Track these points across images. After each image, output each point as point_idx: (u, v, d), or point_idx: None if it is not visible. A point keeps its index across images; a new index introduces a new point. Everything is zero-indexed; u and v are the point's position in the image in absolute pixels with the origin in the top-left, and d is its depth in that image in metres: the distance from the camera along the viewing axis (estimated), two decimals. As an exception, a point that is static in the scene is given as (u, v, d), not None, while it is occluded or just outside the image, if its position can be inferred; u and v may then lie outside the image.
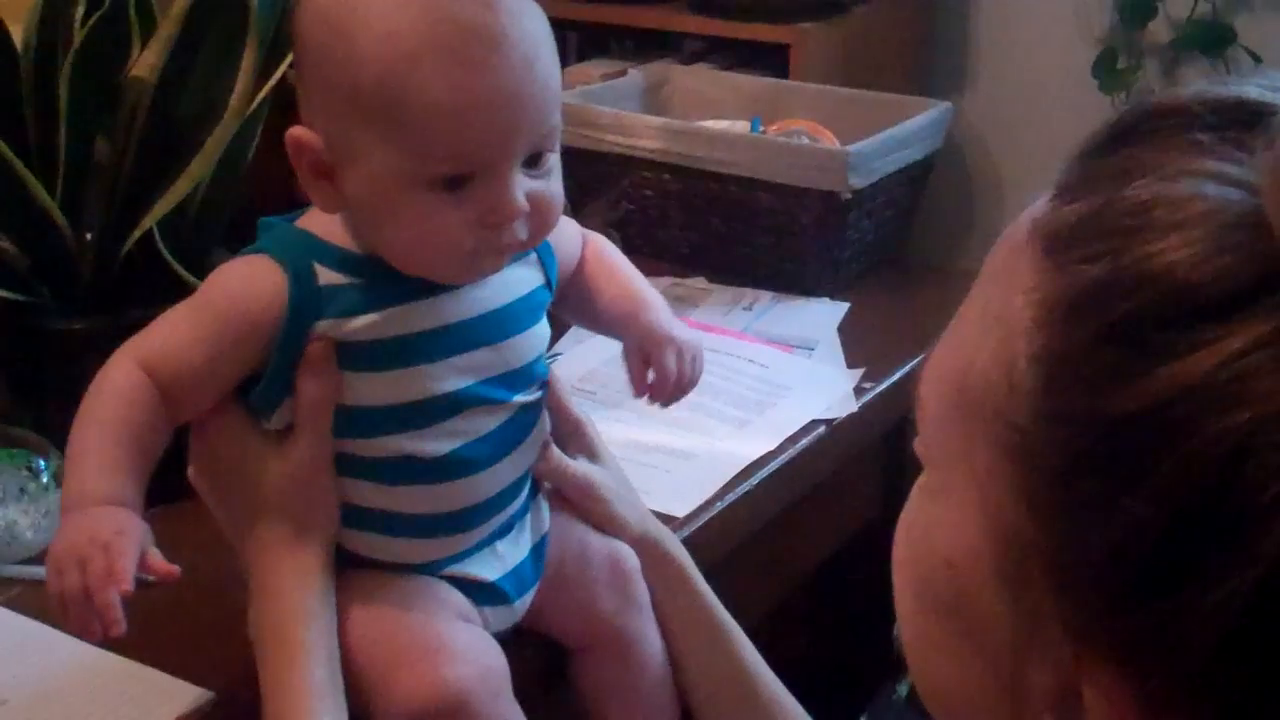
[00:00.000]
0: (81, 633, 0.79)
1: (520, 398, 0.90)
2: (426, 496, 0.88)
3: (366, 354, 0.85)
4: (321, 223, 0.86)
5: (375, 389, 0.85)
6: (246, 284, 0.84)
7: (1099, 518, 0.44)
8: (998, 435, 0.48)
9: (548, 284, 0.93)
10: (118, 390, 0.83)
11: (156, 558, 0.80)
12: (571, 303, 0.99)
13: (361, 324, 0.84)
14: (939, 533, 0.52)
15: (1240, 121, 0.46)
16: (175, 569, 0.80)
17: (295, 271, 0.83)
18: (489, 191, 0.80)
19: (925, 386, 0.54)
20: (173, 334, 0.84)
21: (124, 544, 0.78)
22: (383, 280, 0.84)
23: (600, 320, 1.01)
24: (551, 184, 0.84)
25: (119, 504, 0.80)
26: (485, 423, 0.88)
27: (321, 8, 0.81)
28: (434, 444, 0.87)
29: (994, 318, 0.49)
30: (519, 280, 0.90)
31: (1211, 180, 0.44)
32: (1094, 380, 0.44)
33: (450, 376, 0.86)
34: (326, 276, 0.84)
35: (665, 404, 0.99)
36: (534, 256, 0.91)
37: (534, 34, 0.81)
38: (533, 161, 0.82)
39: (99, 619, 0.77)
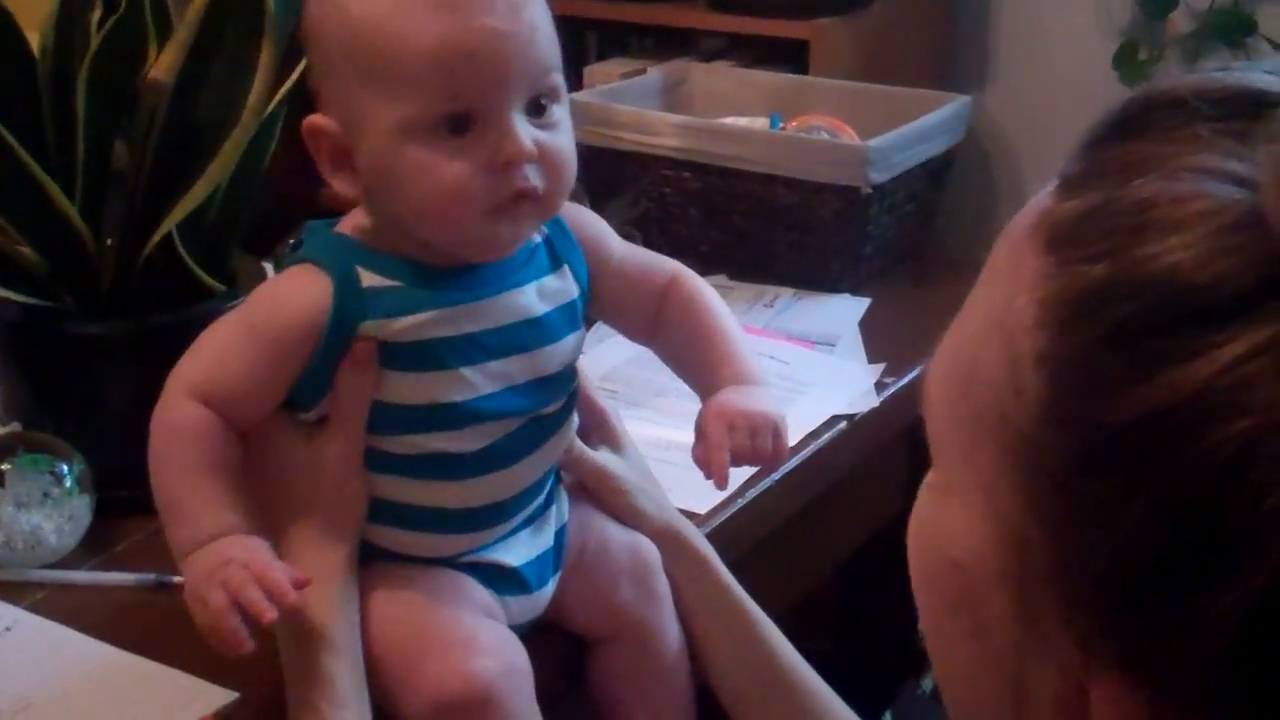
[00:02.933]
0: (233, 648, 0.81)
1: (552, 404, 0.91)
2: (455, 491, 0.89)
3: (406, 354, 0.86)
4: (361, 227, 0.88)
5: (412, 388, 0.86)
6: (292, 298, 0.86)
7: (1101, 525, 0.43)
8: (1002, 437, 0.47)
9: (581, 296, 0.93)
10: (184, 432, 0.85)
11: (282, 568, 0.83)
12: (659, 350, 1.00)
13: (405, 325, 0.85)
14: (946, 532, 0.52)
15: (1243, 113, 0.45)
16: (308, 576, 0.83)
17: (339, 275, 0.85)
18: (492, 133, 0.82)
19: (931, 383, 0.53)
20: (223, 359, 0.86)
21: (262, 558, 0.82)
22: (423, 282, 0.86)
23: (683, 377, 1.00)
24: (561, 137, 0.86)
25: (233, 533, 0.83)
26: (514, 422, 0.89)
27: None
28: (464, 442, 0.88)
29: (998, 316, 0.48)
30: (555, 291, 0.91)
31: (1212, 177, 0.43)
32: (1095, 385, 0.43)
33: (484, 380, 0.87)
34: (369, 279, 0.86)
35: (718, 483, 0.91)
36: (566, 268, 0.92)
37: None
38: (536, 110, 0.84)
39: (250, 610, 0.80)
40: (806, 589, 1.44)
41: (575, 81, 2.18)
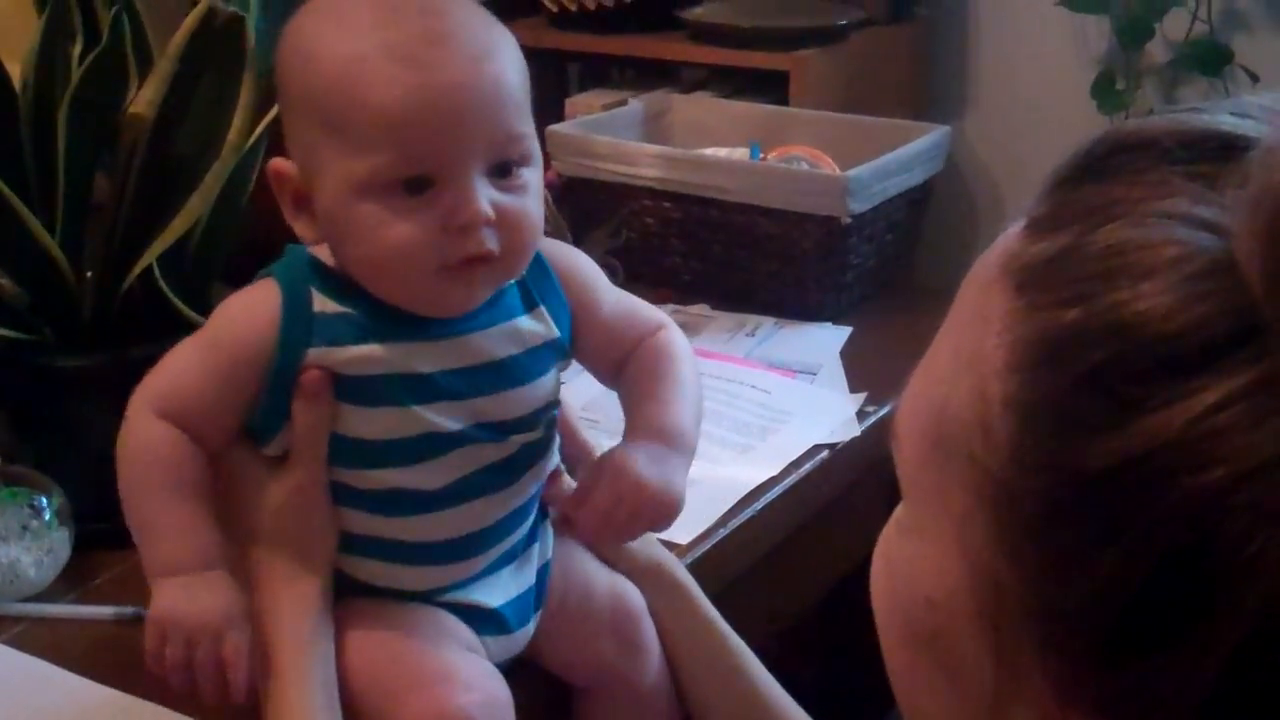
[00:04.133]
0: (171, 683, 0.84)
1: (519, 437, 0.89)
2: (423, 525, 0.88)
3: (360, 388, 0.84)
4: (328, 250, 0.87)
5: (369, 423, 0.85)
6: (246, 310, 0.86)
7: (1075, 572, 0.43)
8: (973, 480, 0.47)
9: (558, 339, 0.89)
10: (152, 449, 0.84)
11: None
12: (620, 396, 0.95)
13: (353, 355, 0.84)
14: (919, 570, 0.51)
15: (1211, 156, 0.45)
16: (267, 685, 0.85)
17: (289, 293, 0.84)
18: (448, 194, 0.80)
19: (900, 423, 0.53)
20: (184, 372, 0.85)
21: (237, 647, 0.83)
22: (375, 314, 0.84)
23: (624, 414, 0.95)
24: (524, 200, 0.83)
25: (212, 566, 0.84)
26: (482, 456, 0.87)
27: (288, 32, 0.84)
28: (427, 478, 0.86)
29: (967, 357, 0.48)
30: (527, 333, 0.88)
31: (1182, 223, 0.43)
32: (1068, 431, 0.43)
33: (445, 419, 0.85)
34: (321, 303, 0.84)
35: (574, 532, 0.91)
36: (542, 309, 0.89)
37: (485, 39, 0.82)
38: (501, 173, 0.82)
39: (200, 687, 0.83)
40: (791, 618, 1.43)
41: (557, 113, 2.18)
